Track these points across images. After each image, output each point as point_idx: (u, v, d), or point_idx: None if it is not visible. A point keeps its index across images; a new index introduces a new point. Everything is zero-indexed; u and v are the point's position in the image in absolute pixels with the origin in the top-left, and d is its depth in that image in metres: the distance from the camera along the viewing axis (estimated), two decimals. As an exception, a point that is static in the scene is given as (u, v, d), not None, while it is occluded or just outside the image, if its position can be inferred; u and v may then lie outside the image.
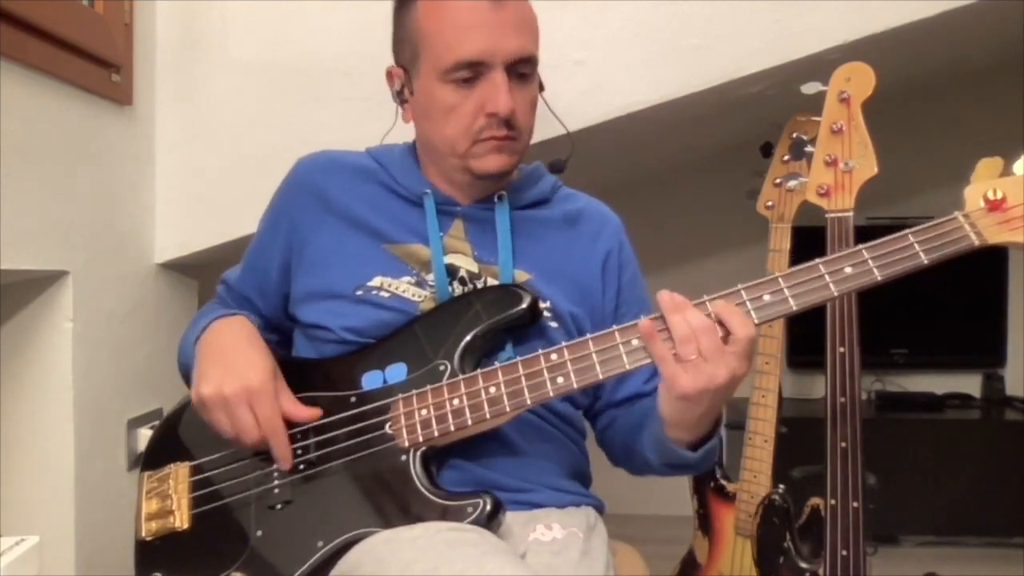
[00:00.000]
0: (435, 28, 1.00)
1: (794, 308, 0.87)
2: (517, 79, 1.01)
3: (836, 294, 0.87)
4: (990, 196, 0.85)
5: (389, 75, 1.10)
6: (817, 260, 0.88)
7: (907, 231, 0.86)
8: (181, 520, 1.01)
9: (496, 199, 1.08)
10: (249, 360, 0.99)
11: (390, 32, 1.09)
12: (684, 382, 0.86)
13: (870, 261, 0.86)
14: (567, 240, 1.11)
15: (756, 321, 0.87)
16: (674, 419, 0.93)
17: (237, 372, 0.97)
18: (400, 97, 1.09)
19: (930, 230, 0.85)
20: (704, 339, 0.85)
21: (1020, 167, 0.87)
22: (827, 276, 0.87)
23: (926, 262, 0.85)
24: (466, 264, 1.06)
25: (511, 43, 0.99)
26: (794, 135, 1.60)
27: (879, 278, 0.86)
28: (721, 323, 0.86)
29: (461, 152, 1.03)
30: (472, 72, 0.99)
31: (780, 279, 0.87)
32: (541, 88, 1.09)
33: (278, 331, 1.17)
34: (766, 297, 0.87)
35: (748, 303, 0.87)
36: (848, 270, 0.86)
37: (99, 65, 1.37)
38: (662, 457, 1.00)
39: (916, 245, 0.85)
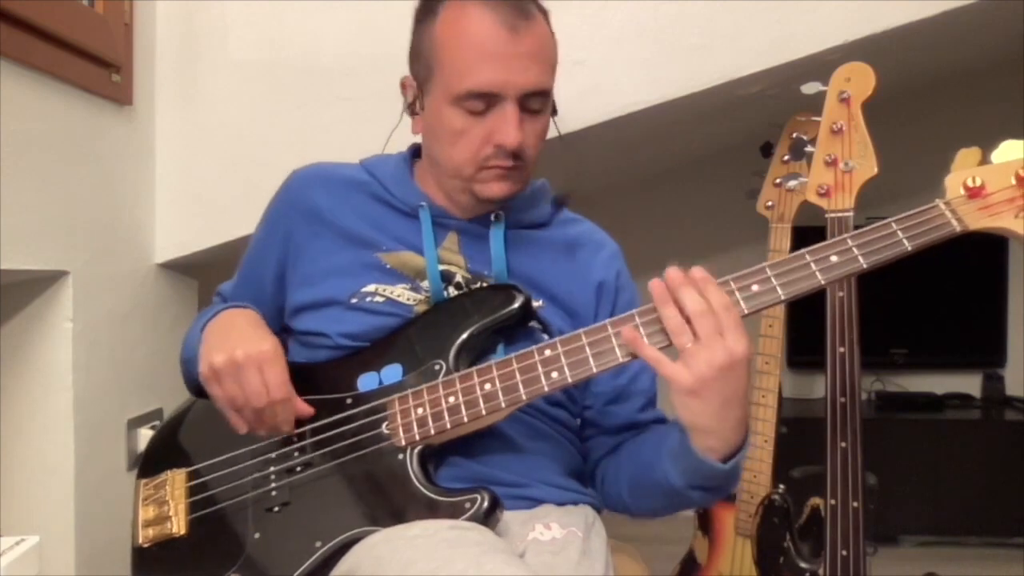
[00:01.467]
0: (451, 51, 0.99)
1: (782, 297, 0.88)
2: (528, 111, 1.00)
3: (823, 282, 0.87)
4: (969, 183, 0.87)
5: (403, 85, 1.09)
6: (803, 250, 0.89)
7: (890, 219, 0.87)
8: (178, 526, 1.01)
9: (492, 218, 1.08)
10: (257, 333, 1.01)
11: (391, 32, 1.09)
12: (683, 377, 0.84)
13: (855, 249, 0.87)
14: (562, 264, 1.11)
15: (745, 311, 0.87)
16: (694, 423, 0.88)
17: (246, 341, 0.98)
18: (411, 109, 1.08)
19: (912, 218, 0.87)
20: (698, 323, 0.83)
21: (997, 156, 0.89)
22: (813, 264, 0.87)
23: (910, 249, 0.86)
24: (461, 272, 1.07)
25: (526, 77, 0.97)
26: (794, 135, 1.60)
27: (864, 265, 0.87)
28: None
29: (466, 176, 1.03)
30: (484, 103, 0.98)
31: (767, 268, 0.88)
32: (554, 112, 1.08)
33: None
34: (755, 287, 0.88)
35: (737, 293, 0.88)
36: (834, 258, 0.87)
37: (99, 65, 1.37)
38: (690, 476, 0.94)
39: (899, 232, 0.87)
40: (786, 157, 1.76)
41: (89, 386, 1.37)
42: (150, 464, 1.09)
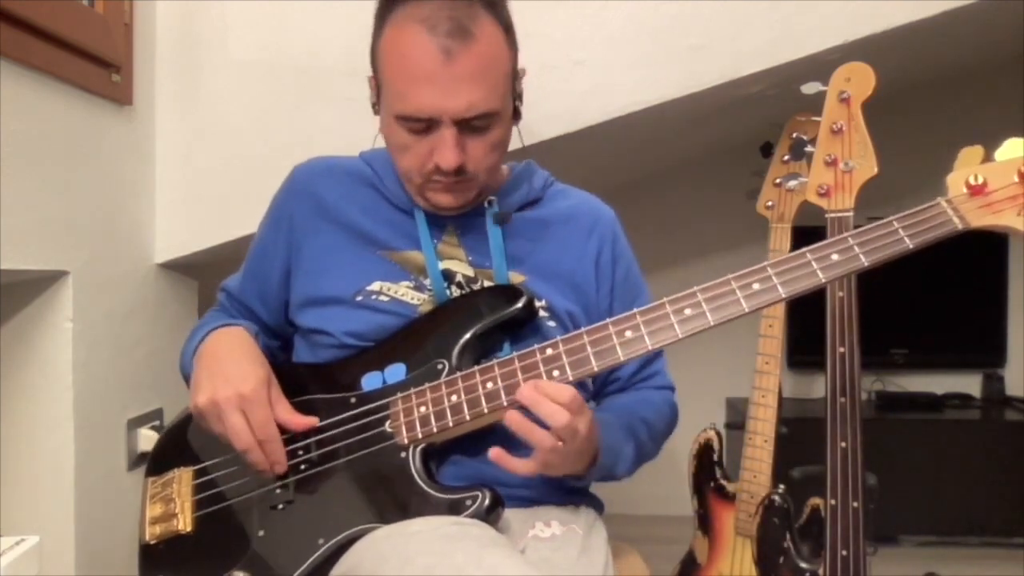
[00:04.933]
0: (392, 71, 0.98)
1: (783, 295, 0.88)
2: (471, 130, 0.98)
3: (824, 280, 0.88)
4: (971, 181, 0.87)
5: (369, 83, 1.08)
6: (804, 248, 0.90)
7: (891, 217, 0.88)
8: (184, 523, 1.02)
9: (486, 204, 1.08)
10: (242, 369, 1.00)
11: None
12: (554, 462, 0.92)
13: (856, 247, 0.88)
14: (560, 239, 1.11)
15: (746, 309, 0.88)
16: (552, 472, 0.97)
17: (229, 380, 0.98)
18: (376, 108, 1.07)
19: (914, 216, 0.88)
20: (563, 432, 0.89)
21: (1001, 153, 0.89)
22: (815, 263, 0.88)
23: (911, 246, 0.87)
24: (462, 269, 1.07)
25: (461, 101, 0.95)
26: (794, 135, 1.60)
27: (865, 263, 0.87)
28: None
29: (415, 184, 1.04)
30: (423, 124, 0.97)
31: (768, 267, 0.89)
32: (518, 116, 1.07)
33: (280, 337, 1.17)
34: (756, 285, 0.89)
35: (738, 291, 0.88)
36: (835, 257, 0.88)
37: (99, 65, 1.37)
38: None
39: (901, 231, 0.87)
40: (786, 157, 1.76)
41: (89, 386, 1.37)
42: (158, 462, 1.10)
